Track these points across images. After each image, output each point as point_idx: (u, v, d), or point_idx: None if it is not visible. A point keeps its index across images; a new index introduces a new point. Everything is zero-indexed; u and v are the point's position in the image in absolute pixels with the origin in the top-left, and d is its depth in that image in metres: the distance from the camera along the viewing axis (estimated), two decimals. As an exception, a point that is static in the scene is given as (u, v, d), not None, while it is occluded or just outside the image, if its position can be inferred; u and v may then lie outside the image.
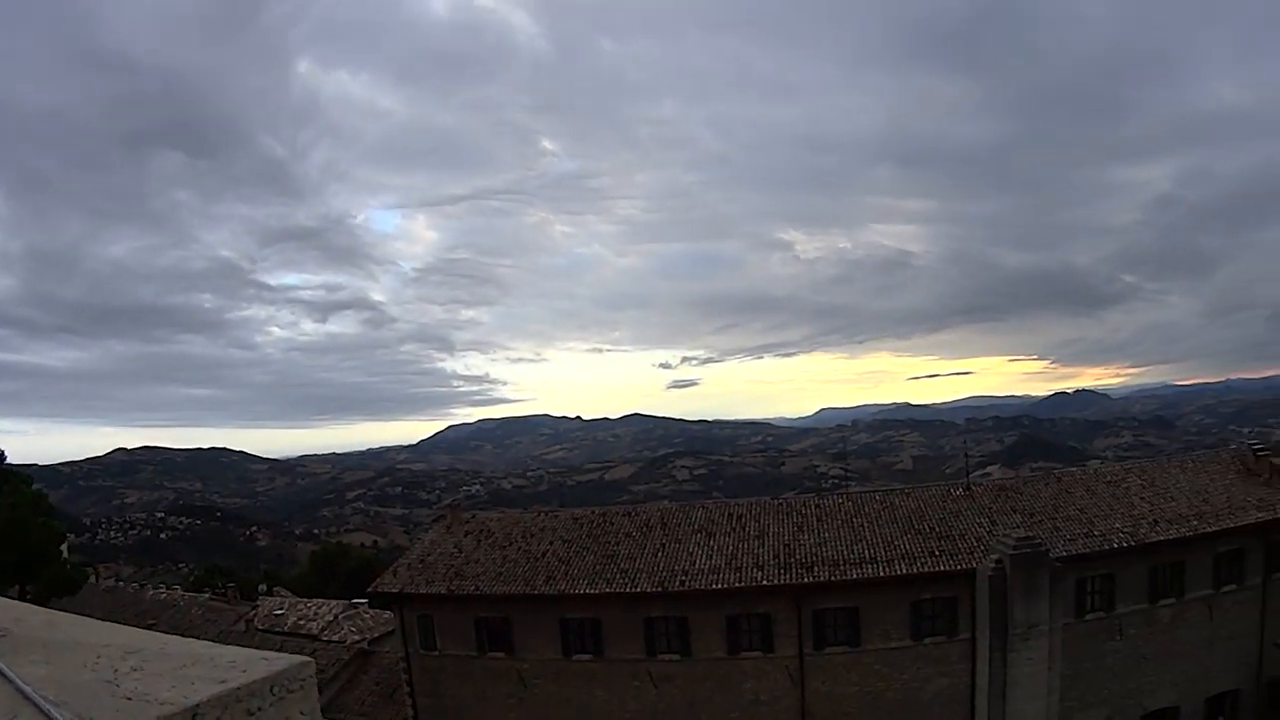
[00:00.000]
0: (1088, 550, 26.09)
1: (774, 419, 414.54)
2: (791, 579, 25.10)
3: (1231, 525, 28.45)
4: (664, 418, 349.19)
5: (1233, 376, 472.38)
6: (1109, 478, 30.24)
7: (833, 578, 25.04)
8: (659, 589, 25.58)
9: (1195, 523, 27.81)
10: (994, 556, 26.02)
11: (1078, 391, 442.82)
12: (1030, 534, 25.56)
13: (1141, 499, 28.26)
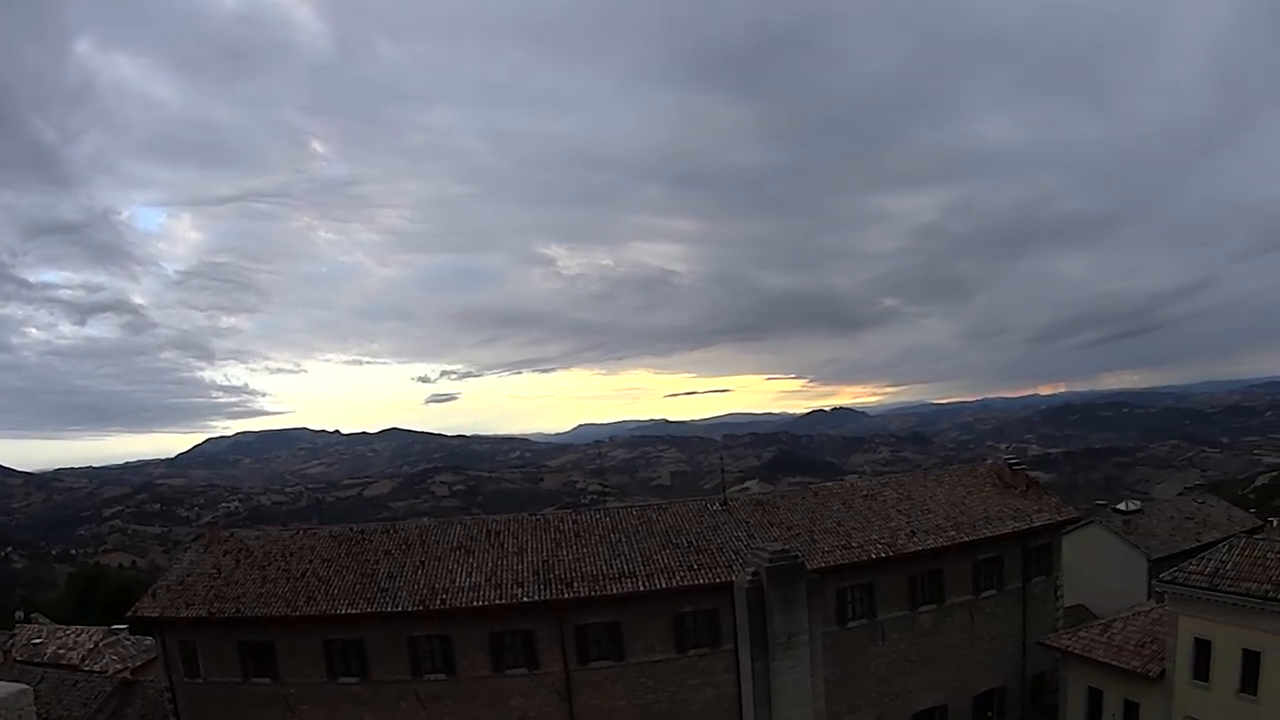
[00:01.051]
0: (846, 561, 27.12)
1: (532, 435, 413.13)
2: (552, 595, 24.99)
3: (988, 535, 30.19)
4: (423, 432, 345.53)
5: (989, 396, 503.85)
6: (865, 492, 31.66)
7: (593, 593, 25.09)
8: (420, 607, 24.93)
9: (952, 533, 29.35)
10: (750, 569, 26.41)
11: (835, 409, 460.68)
12: (786, 547, 26.21)
13: (898, 511, 29.64)
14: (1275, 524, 46.53)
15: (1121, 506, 41.58)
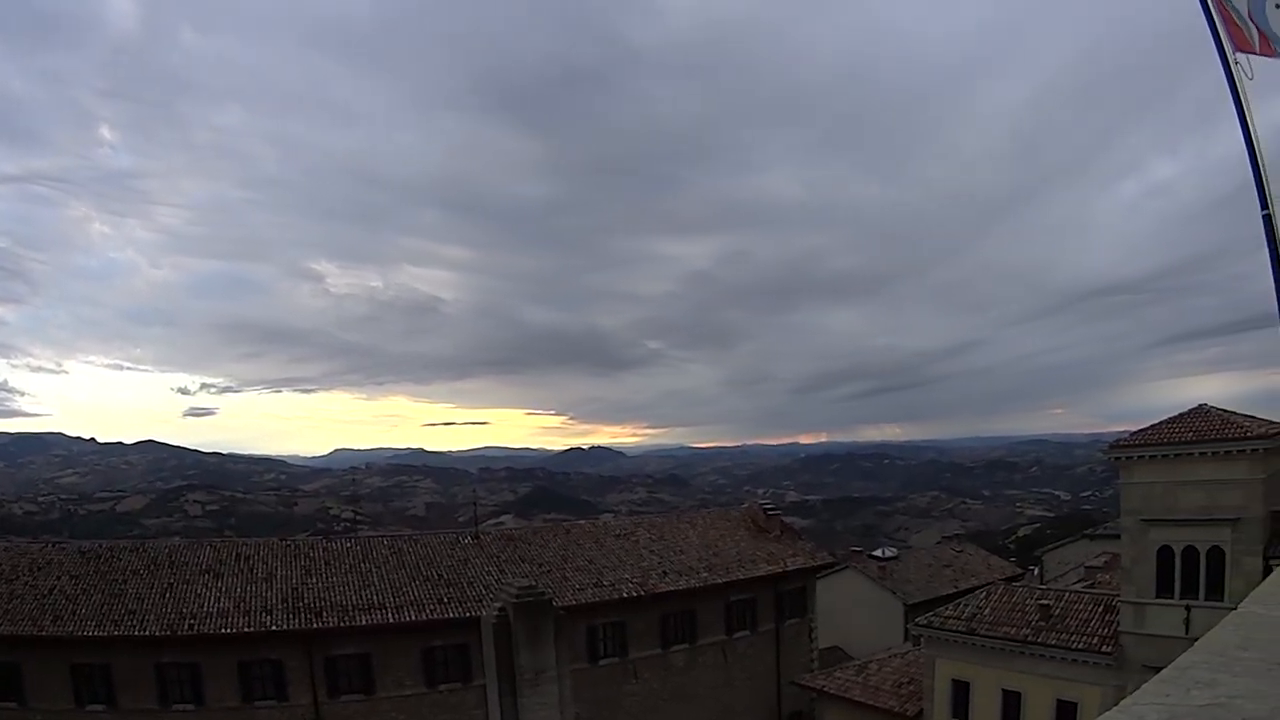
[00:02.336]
0: (596, 599, 28.91)
1: (289, 456, 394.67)
2: (301, 624, 25.21)
3: (741, 577, 32.72)
4: (179, 447, 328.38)
5: (750, 442, 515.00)
6: (618, 531, 33.69)
7: (342, 623, 25.51)
8: (168, 632, 24.51)
9: (705, 574, 31.65)
10: (497, 605, 27.91)
11: (593, 448, 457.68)
12: (533, 583, 27.91)
13: (651, 551, 31.81)
14: (1035, 572, 51.54)
15: (879, 553, 45.18)
